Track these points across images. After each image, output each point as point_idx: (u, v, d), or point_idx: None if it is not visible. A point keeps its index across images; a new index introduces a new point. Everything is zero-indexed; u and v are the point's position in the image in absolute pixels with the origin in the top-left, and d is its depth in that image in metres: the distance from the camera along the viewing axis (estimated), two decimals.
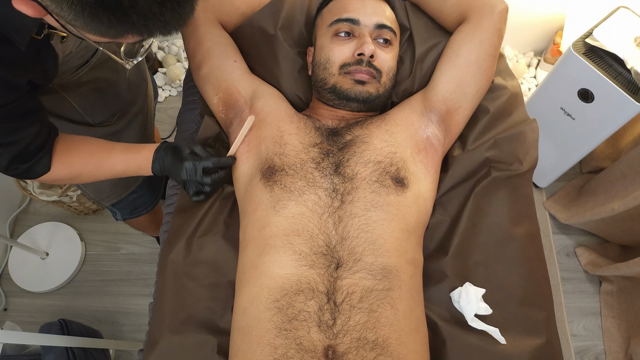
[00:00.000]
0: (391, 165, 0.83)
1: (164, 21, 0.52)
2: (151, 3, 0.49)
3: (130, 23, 0.50)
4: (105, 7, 0.48)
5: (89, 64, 0.92)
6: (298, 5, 1.04)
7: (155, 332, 0.81)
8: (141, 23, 0.50)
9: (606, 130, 1.40)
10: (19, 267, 1.64)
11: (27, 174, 0.79)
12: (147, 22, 0.51)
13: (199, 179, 0.85)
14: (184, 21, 0.54)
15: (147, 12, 0.49)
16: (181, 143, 0.87)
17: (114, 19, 0.49)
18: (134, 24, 0.50)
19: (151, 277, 1.64)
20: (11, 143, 0.73)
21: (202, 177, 0.84)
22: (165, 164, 0.86)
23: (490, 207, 0.91)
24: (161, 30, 0.53)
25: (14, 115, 0.71)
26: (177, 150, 0.86)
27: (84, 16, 0.48)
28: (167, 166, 0.86)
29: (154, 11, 0.50)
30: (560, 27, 1.83)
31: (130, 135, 1.11)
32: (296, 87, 1.02)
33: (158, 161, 0.86)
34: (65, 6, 0.48)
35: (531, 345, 0.80)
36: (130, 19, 0.49)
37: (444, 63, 0.95)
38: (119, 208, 1.24)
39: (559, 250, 1.74)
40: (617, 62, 1.28)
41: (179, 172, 0.85)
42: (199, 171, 0.84)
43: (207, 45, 0.97)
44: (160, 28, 0.53)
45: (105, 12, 0.48)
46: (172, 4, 0.51)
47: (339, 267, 0.74)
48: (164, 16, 0.51)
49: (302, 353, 0.67)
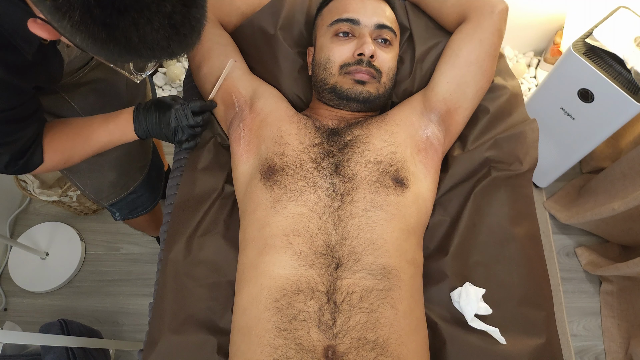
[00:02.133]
0: (391, 166, 0.83)
1: (171, 52, 0.54)
2: (159, 39, 0.52)
3: (138, 54, 0.52)
4: (116, 43, 0.50)
5: (88, 65, 0.92)
6: (298, 5, 1.04)
7: (155, 332, 0.81)
8: (149, 54, 0.53)
9: (606, 130, 1.40)
10: (19, 267, 1.64)
11: (25, 169, 0.80)
12: (155, 53, 0.53)
13: (190, 122, 0.85)
14: (190, 49, 0.57)
15: (155, 46, 0.52)
16: (159, 97, 0.88)
17: (124, 52, 0.51)
18: (142, 55, 0.53)
19: (151, 277, 1.64)
20: (11, 142, 0.74)
21: (193, 117, 0.85)
22: (149, 121, 0.86)
23: (490, 207, 0.90)
24: (168, 57, 0.56)
25: (18, 118, 0.72)
26: (159, 103, 0.86)
27: (95, 47, 0.51)
28: (151, 123, 0.86)
29: (162, 44, 0.52)
30: (560, 27, 1.83)
31: None
32: (296, 87, 1.02)
33: (140, 121, 0.86)
34: (78, 38, 0.50)
35: (531, 345, 0.80)
36: (139, 52, 0.52)
37: (444, 63, 0.95)
38: (117, 208, 1.23)
39: (559, 250, 1.74)
40: (617, 62, 1.28)
41: (167, 120, 0.85)
42: (189, 113, 0.85)
43: (207, 45, 0.97)
44: (168, 56, 0.55)
45: (115, 47, 0.50)
46: (179, 37, 0.53)
47: (339, 267, 0.74)
48: (171, 48, 0.54)
49: (301, 353, 0.67)
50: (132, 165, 1.17)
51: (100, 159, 1.07)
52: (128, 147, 1.11)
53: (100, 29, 0.48)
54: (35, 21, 0.54)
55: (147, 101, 0.87)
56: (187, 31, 0.54)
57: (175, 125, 0.85)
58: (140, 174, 1.20)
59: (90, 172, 1.08)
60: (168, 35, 0.52)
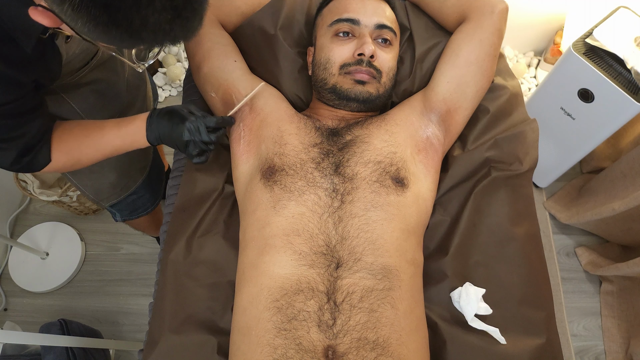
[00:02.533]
0: (391, 165, 0.83)
1: (174, 35, 0.54)
2: (161, 21, 0.51)
3: (141, 39, 0.52)
4: (118, 26, 0.49)
5: (89, 66, 0.92)
6: (298, 5, 1.04)
7: (155, 332, 0.81)
8: (151, 38, 0.52)
9: (606, 130, 1.40)
10: (19, 267, 1.64)
11: (30, 167, 0.79)
12: (157, 37, 0.53)
13: (204, 138, 0.83)
14: (193, 34, 0.56)
15: (158, 29, 0.51)
16: (174, 106, 0.85)
17: (125, 36, 0.51)
18: (145, 39, 0.52)
19: (151, 277, 1.64)
20: (16, 137, 0.74)
21: (207, 135, 0.82)
22: (161, 130, 0.84)
23: (490, 207, 0.91)
24: (171, 42, 0.55)
25: (20, 112, 0.72)
26: (173, 113, 0.84)
27: (97, 32, 0.50)
28: (164, 132, 0.84)
29: (164, 28, 0.52)
30: (560, 27, 1.83)
31: None
32: (296, 87, 1.02)
33: (153, 129, 0.84)
34: (80, 23, 0.50)
35: (531, 345, 0.80)
36: (140, 36, 0.51)
37: (444, 63, 0.95)
38: (118, 209, 1.23)
39: (559, 250, 1.74)
40: (617, 62, 1.28)
41: (180, 133, 0.82)
42: (203, 129, 0.82)
43: (207, 45, 0.97)
44: (170, 41, 0.55)
45: (117, 30, 0.50)
46: (181, 20, 0.53)
47: (339, 267, 0.74)
48: (173, 32, 0.53)
49: (301, 353, 0.67)
50: (133, 166, 1.16)
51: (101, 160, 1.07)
52: None
53: (101, 12, 0.48)
54: (36, 8, 0.53)
55: (162, 109, 0.85)
56: (189, 14, 0.53)
57: (188, 139, 0.83)
58: (141, 175, 1.20)
59: (91, 172, 1.08)
60: (170, 18, 0.51)
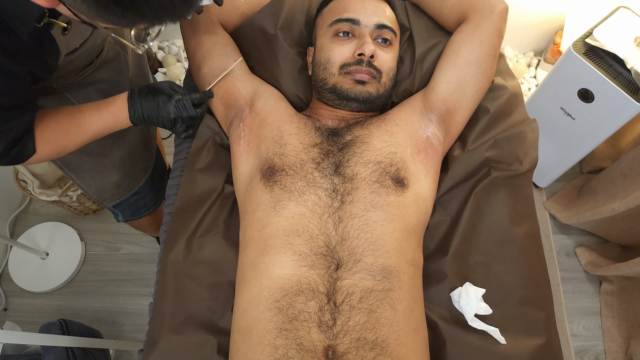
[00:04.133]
0: (391, 166, 0.83)
1: (174, 11, 0.53)
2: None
3: (142, 15, 0.51)
4: (118, 2, 0.49)
5: (93, 65, 0.92)
6: (298, 5, 1.04)
7: (155, 332, 0.81)
8: (152, 14, 0.52)
9: (606, 130, 1.40)
10: (19, 267, 1.64)
11: (17, 159, 0.79)
12: (159, 13, 0.52)
13: (190, 113, 0.85)
14: (193, 8, 0.56)
15: (159, 5, 0.51)
16: (155, 84, 0.87)
17: (126, 12, 0.50)
18: (146, 15, 0.52)
19: (151, 277, 1.64)
20: (6, 130, 0.73)
21: (194, 110, 0.86)
22: (148, 110, 0.84)
23: (490, 207, 0.90)
24: (171, 19, 0.55)
25: (12, 104, 0.71)
26: (156, 90, 0.85)
27: (97, 8, 0.50)
28: (151, 111, 0.84)
29: (165, 4, 0.51)
30: (560, 27, 1.83)
31: (133, 136, 1.11)
32: (296, 87, 1.02)
33: (137, 109, 0.84)
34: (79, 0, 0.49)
35: (531, 345, 0.80)
36: (142, 12, 0.51)
37: (444, 63, 0.95)
38: (121, 209, 1.23)
39: (559, 250, 1.74)
40: (617, 62, 1.28)
41: (167, 111, 0.84)
42: (189, 105, 0.85)
43: (207, 45, 0.97)
44: (171, 17, 0.54)
45: (118, 6, 0.49)
46: None
47: (339, 268, 0.74)
48: (174, 7, 0.53)
49: (302, 353, 0.67)
50: (136, 166, 1.16)
51: (104, 160, 1.07)
52: (132, 148, 1.11)
53: None
54: None
55: (142, 87, 0.85)
56: None
57: (175, 116, 0.85)
58: (144, 175, 1.20)
59: (94, 172, 1.08)
60: None
